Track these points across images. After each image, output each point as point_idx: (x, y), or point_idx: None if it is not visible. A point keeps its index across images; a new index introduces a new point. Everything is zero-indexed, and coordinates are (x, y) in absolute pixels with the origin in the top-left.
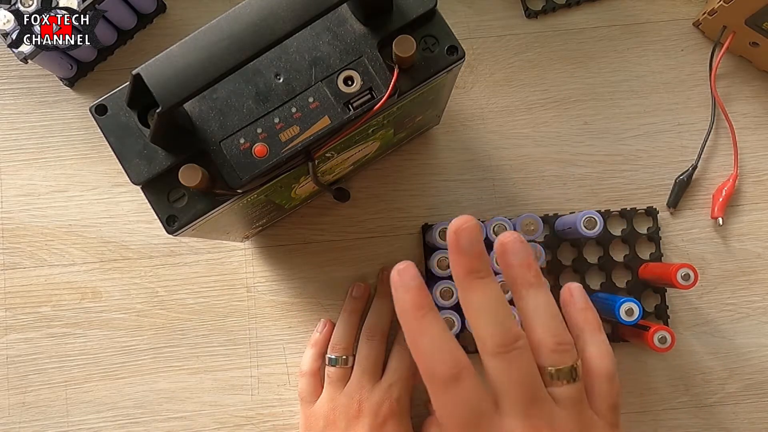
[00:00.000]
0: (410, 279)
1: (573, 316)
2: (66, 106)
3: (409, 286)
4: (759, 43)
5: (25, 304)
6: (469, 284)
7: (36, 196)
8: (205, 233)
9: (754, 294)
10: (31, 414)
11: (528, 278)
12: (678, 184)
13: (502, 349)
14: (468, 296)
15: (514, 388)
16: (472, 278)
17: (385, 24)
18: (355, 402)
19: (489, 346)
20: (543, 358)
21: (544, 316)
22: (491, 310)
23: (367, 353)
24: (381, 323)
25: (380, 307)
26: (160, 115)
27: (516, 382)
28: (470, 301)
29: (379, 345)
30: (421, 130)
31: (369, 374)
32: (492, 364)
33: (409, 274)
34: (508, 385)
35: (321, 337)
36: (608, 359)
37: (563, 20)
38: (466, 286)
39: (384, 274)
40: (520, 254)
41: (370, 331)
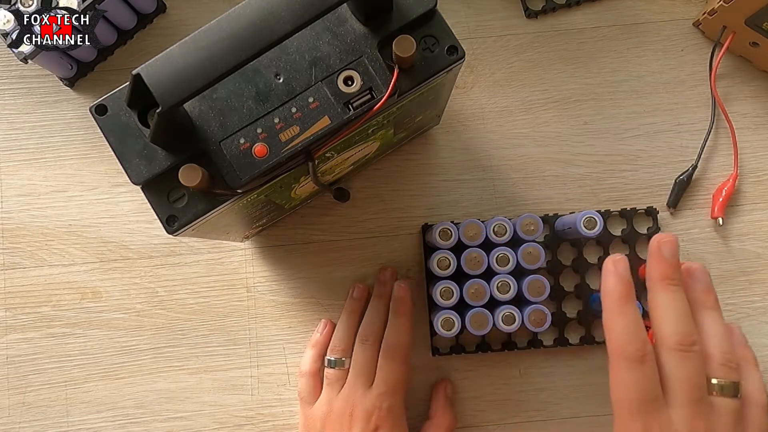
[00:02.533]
0: (624, 271)
1: (737, 350)
2: (66, 106)
3: (622, 277)
4: (759, 43)
5: (25, 304)
6: (663, 287)
7: (36, 196)
8: (205, 233)
9: (754, 294)
10: (31, 414)
11: (708, 302)
12: (678, 184)
13: (681, 347)
14: (659, 296)
15: (684, 384)
16: (667, 283)
17: (385, 24)
18: (348, 406)
19: (670, 341)
20: (712, 369)
21: (719, 336)
22: (677, 313)
23: (361, 357)
24: (376, 326)
25: (376, 309)
26: (160, 115)
27: (687, 380)
28: (660, 301)
29: (372, 348)
30: (421, 130)
31: (362, 378)
32: (669, 358)
33: (623, 265)
34: (680, 381)
35: (321, 338)
36: (765, 393)
37: (563, 20)
38: (660, 288)
39: (382, 275)
40: (704, 281)
41: (365, 334)
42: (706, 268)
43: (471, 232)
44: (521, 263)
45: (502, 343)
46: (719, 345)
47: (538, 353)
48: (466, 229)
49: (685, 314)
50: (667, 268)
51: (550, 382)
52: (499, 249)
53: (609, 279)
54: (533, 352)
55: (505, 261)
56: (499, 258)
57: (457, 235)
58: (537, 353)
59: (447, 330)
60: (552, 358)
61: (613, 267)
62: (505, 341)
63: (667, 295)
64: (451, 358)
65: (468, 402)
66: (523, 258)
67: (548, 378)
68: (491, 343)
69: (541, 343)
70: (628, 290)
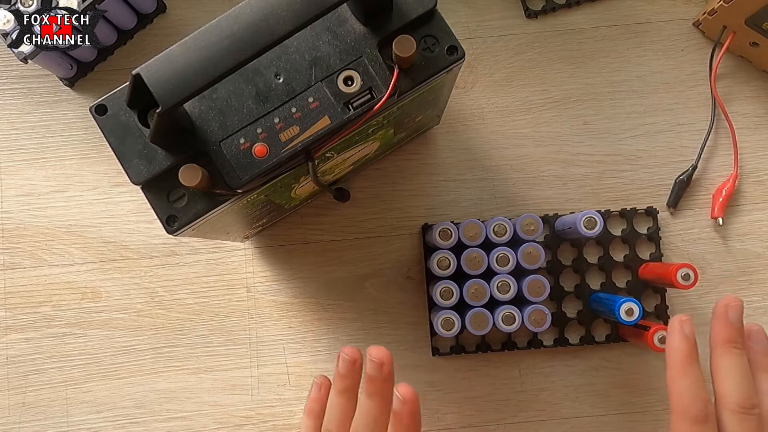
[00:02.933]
0: (690, 332)
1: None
2: (66, 106)
3: (687, 338)
4: (759, 43)
5: (25, 304)
6: (727, 350)
7: (36, 196)
8: (205, 233)
9: (754, 294)
10: (31, 414)
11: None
12: (678, 184)
13: (741, 409)
14: (722, 359)
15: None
16: (730, 346)
17: (385, 24)
18: None
19: (731, 402)
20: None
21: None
22: (739, 375)
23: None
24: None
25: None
26: (160, 115)
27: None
28: (723, 363)
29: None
30: (421, 130)
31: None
32: (729, 419)
33: (690, 327)
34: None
35: (317, 405)
36: None
37: (563, 20)
38: (724, 351)
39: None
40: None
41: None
42: (764, 330)
43: (471, 232)
44: (521, 263)
45: (502, 343)
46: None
47: (538, 353)
48: (466, 229)
49: (747, 377)
50: (731, 331)
51: (550, 382)
52: (499, 249)
53: (675, 338)
54: (533, 352)
55: (505, 261)
56: (499, 258)
57: (457, 235)
58: (537, 353)
59: (447, 330)
60: (552, 358)
61: (679, 326)
62: (505, 341)
63: (731, 358)
64: (451, 358)
65: (468, 402)
66: (523, 258)
67: (548, 378)
68: (491, 343)
69: (541, 343)
70: (693, 351)
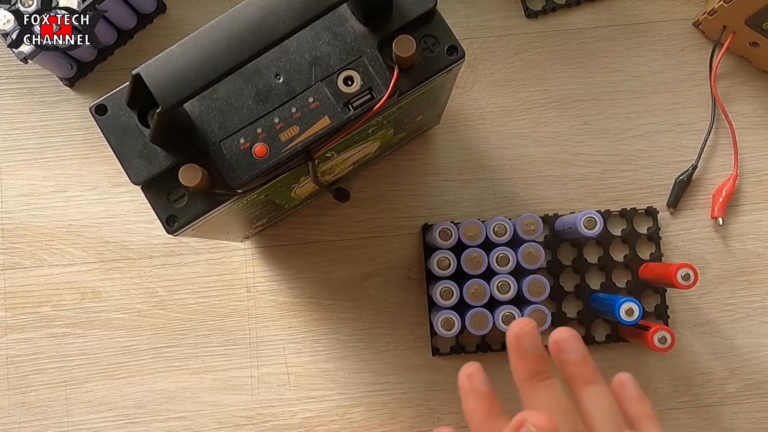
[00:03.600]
0: (481, 385)
1: (627, 408)
2: (66, 106)
3: (480, 394)
4: (759, 43)
5: (25, 304)
6: (533, 386)
7: (36, 196)
8: (205, 233)
9: (754, 294)
10: (31, 414)
11: (585, 376)
12: (678, 184)
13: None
14: (533, 397)
15: None
16: (536, 380)
17: (385, 24)
18: None
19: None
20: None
21: (603, 411)
22: (561, 410)
23: None
24: None
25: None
26: (160, 115)
27: None
28: (536, 402)
29: None
30: (421, 130)
31: None
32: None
33: (479, 379)
34: None
35: None
36: None
37: (563, 20)
38: (530, 387)
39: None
40: (575, 352)
41: None
42: (575, 332)
43: (471, 232)
44: (521, 263)
45: (502, 343)
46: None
47: None
48: (466, 229)
49: (563, 409)
50: (531, 363)
51: None
52: (499, 249)
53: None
54: None
55: (505, 261)
56: (499, 258)
57: (457, 235)
58: None
59: (447, 330)
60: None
61: (468, 384)
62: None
63: (541, 394)
64: (451, 358)
65: None
66: (523, 258)
67: None
68: (491, 343)
69: None
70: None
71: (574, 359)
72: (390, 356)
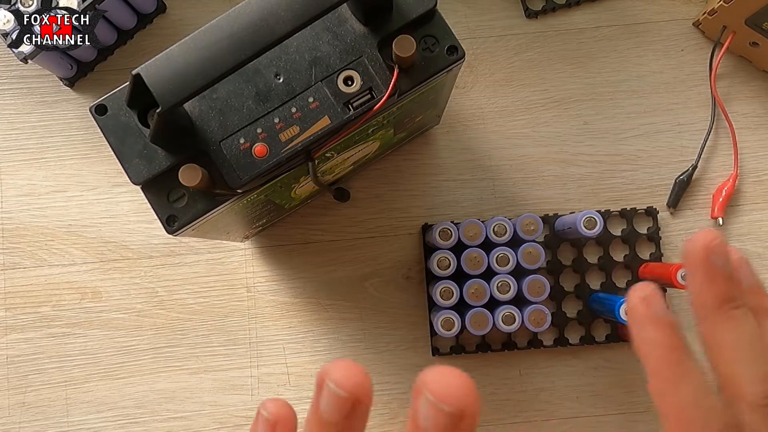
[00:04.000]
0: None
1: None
2: (66, 106)
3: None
4: (759, 43)
5: (25, 304)
6: (726, 316)
7: (36, 196)
8: (205, 233)
9: None
10: (31, 414)
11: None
12: (678, 184)
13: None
14: (721, 333)
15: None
16: (728, 308)
17: (385, 24)
18: None
19: (751, 395)
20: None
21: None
22: (752, 350)
23: None
24: None
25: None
26: (160, 115)
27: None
28: (724, 338)
29: None
30: (421, 130)
31: None
32: (753, 419)
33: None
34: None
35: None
36: None
37: (563, 20)
38: (720, 321)
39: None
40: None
41: None
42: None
43: (471, 232)
44: (521, 263)
45: (502, 343)
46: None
47: (538, 353)
48: (466, 229)
49: (761, 349)
50: (724, 286)
51: (550, 382)
52: (499, 249)
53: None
54: (533, 352)
55: (505, 261)
56: (499, 258)
57: (457, 235)
58: (537, 353)
59: (447, 330)
60: (552, 358)
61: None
62: (505, 341)
63: (734, 328)
64: (451, 358)
65: None
66: (523, 258)
67: (548, 378)
68: (491, 343)
69: (541, 343)
70: (677, 340)
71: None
72: (390, 356)
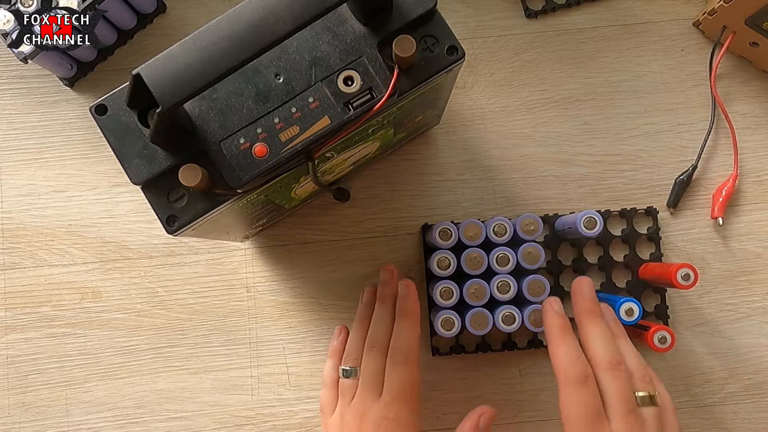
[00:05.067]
0: (559, 308)
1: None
2: (66, 106)
3: (558, 314)
4: (759, 43)
5: (25, 304)
6: (589, 319)
7: (36, 196)
8: (205, 233)
9: (754, 294)
10: (31, 414)
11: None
12: (678, 184)
13: (613, 367)
14: (587, 327)
15: (620, 398)
16: (591, 316)
17: (385, 24)
18: (357, 418)
19: (603, 363)
20: (635, 384)
21: (633, 356)
22: (604, 338)
23: (368, 365)
24: (382, 333)
25: (381, 315)
26: (160, 115)
27: (621, 393)
28: (589, 331)
29: (379, 356)
30: (421, 130)
31: (370, 387)
32: (605, 377)
33: (558, 304)
34: (616, 395)
35: (338, 346)
36: (671, 400)
37: (563, 20)
38: (587, 321)
39: (384, 275)
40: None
41: (371, 341)
42: (608, 307)
43: (471, 232)
44: (521, 263)
45: (502, 343)
46: (636, 364)
47: (538, 353)
48: (466, 229)
49: (610, 339)
50: (588, 304)
51: (550, 382)
52: (499, 249)
53: (549, 316)
54: (533, 352)
55: (505, 261)
56: (499, 258)
57: (457, 235)
58: (537, 353)
59: (447, 330)
60: None
61: (549, 306)
62: (505, 341)
63: (594, 325)
64: (451, 358)
65: (468, 402)
66: (523, 258)
67: (548, 378)
68: (491, 343)
69: (541, 343)
70: (565, 323)
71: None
72: None
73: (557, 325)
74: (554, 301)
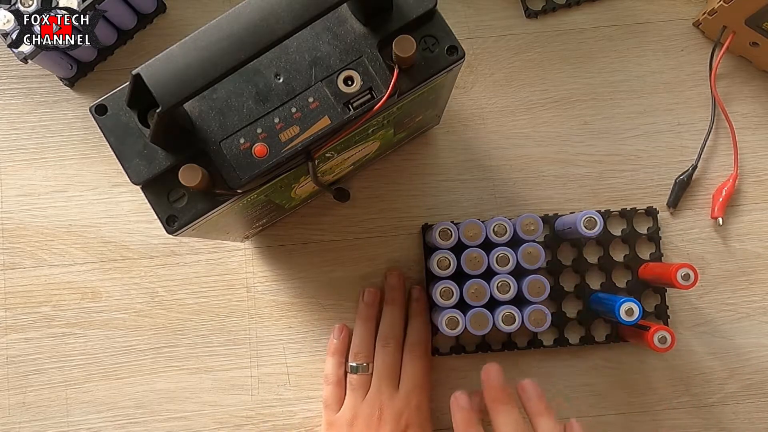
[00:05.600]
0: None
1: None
2: (66, 106)
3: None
4: (759, 43)
5: (25, 304)
6: (497, 408)
7: (36, 196)
8: (205, 233)
9: (754, 294)
10: (31, 414)
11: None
12: (678, 184)
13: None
14: (498, 418)
15: None
16: (498, 404)
17: (385, 24)
18: (376, 410)
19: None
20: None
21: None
22: (514, 427)
23: (383, 360)
24: (394, 330)
25: (391, 315)
26: (160, 115)
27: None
28: (498, 420)
29: (394, 351)
30: (421, 130)
31: (387, 381)
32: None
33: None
34: None
35: (340, 344)
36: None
37: (563, 20)
38: (496, 411)
39: (391, 279)
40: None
41: (385, 337)
42: (533, 382)
43: (471, 232)
44: (521, 263)
45: (502, 343)
46: None
47: (538, 353)
48: (466, 229)
49: (520, 427)
50: (496, 392)
51: (550, 382)
52: (499, 249)
53: (454, 410)
54: (533, 352)
55: (505, 261)
56: (499, 258)
57: (457, 235)
58: (537, 353)
59: (451, 329)
60: (552, 358)
61: (455, 401)
62: (505, 341)
63: (502, 414)
64: (451, 358)
65: None
66: (523, 258)
67: (548, 378)
68: (491, 343)
69: (541, 343)
70: (471, 416)
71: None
72: None
73: (462, 419)
74: (460, 397)
